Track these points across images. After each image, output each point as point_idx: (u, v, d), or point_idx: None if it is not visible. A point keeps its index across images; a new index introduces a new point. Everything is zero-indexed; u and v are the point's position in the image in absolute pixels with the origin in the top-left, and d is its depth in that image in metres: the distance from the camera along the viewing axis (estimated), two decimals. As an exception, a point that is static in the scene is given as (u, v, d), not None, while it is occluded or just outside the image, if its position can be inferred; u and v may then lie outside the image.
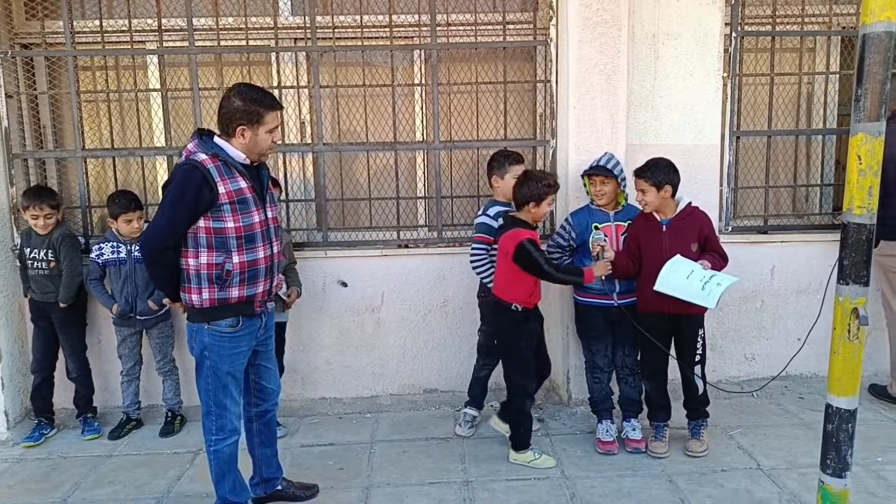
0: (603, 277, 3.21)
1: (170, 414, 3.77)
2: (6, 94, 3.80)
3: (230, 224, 2.40)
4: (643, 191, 3.17)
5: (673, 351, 3.34)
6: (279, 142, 2.56)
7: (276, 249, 2.61)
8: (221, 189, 2.37)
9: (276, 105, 2.50)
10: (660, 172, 3.14)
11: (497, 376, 3.51)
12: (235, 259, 2.43)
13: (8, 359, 3.72)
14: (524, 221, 3.14)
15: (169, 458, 3.43)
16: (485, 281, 3.39)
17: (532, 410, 3.33)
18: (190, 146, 2.44)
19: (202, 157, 2.38)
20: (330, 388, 4.12)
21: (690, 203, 3.25)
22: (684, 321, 3.23)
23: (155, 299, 3.65)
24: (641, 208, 3.25)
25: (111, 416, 3.89)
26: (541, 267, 3.05)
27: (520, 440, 3.27)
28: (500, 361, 3.34)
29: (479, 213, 3.45)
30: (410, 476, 3.15)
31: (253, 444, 2.85)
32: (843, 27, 4.16)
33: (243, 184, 2.43)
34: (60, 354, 3.76)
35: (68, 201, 4.09)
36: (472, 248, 3.37)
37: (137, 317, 3.64)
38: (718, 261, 3.17)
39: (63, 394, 3.80)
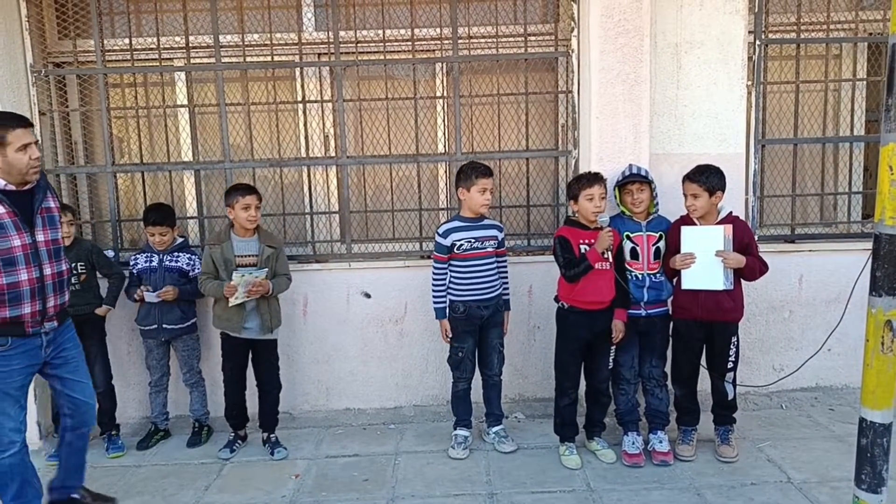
0: (606, 253, 3.15)
1: (197, 424, 3.82)
2: (39, 111, 3.90)
3: None
4: (695, 195, 3.15)
5: (703, 359, 3.32)
6: (37, 158, 2.53)
7: (49, 271, 2.62)
8: None
9: (17, 123, 2.52)
10: (713, 178, 3.14)
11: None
12: None
13: (40, 370, 3.79)
14: (574, 220, 3.29)
15: (196, 468, 3.47)
16: (434, 302, 3.43)
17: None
18: None
19: None
20: (354, 398, 4.13)
21: (731, 212, 3.23)
22: (718, 328, 3.22)
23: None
24: (689, 213, 3.23)
25: (139, 426, 3.95)
26: (559, 266, 3.23)
27: (554, 429, 3.46)
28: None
29: None
30: (435, 488, 3.15)
31: (62, 452, 2.91)
32: (870, 33, 4.11)
33: (1, 209, 2.48)
34: None
35: (99, 216, 4.18)
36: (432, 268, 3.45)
37: (163, 325, 3.68)
38: (758, 264, 3.16)
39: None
